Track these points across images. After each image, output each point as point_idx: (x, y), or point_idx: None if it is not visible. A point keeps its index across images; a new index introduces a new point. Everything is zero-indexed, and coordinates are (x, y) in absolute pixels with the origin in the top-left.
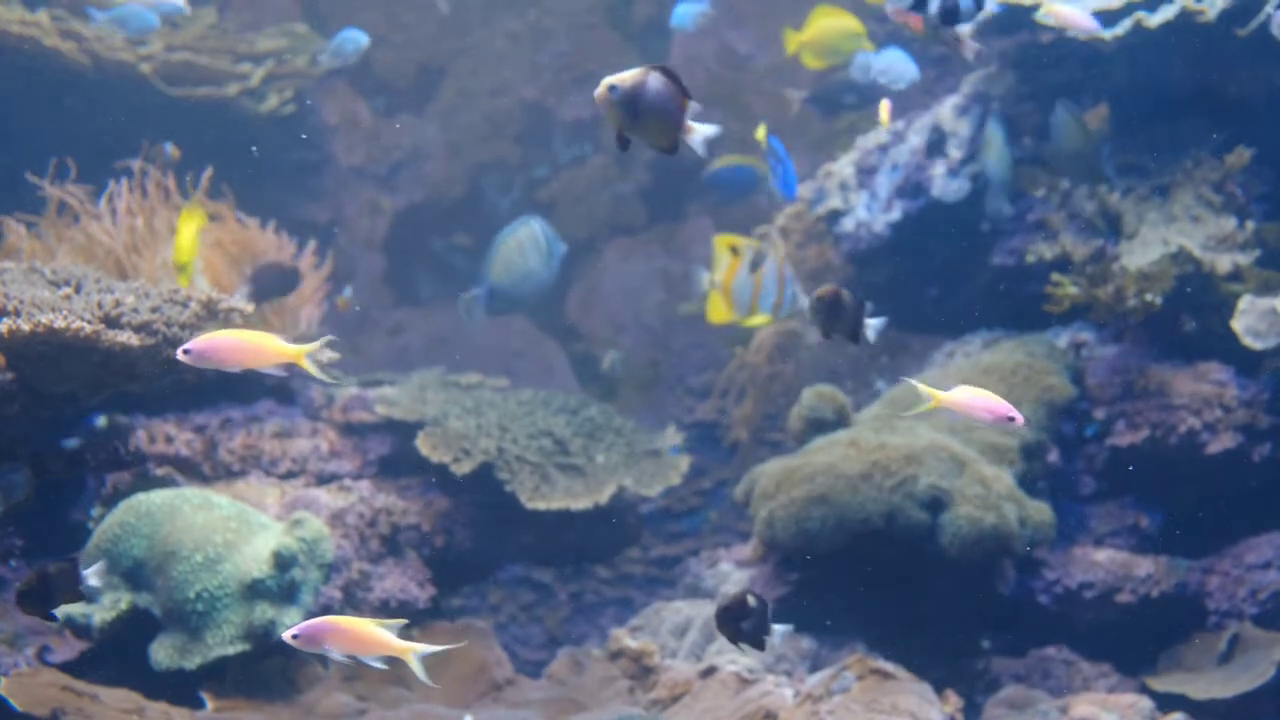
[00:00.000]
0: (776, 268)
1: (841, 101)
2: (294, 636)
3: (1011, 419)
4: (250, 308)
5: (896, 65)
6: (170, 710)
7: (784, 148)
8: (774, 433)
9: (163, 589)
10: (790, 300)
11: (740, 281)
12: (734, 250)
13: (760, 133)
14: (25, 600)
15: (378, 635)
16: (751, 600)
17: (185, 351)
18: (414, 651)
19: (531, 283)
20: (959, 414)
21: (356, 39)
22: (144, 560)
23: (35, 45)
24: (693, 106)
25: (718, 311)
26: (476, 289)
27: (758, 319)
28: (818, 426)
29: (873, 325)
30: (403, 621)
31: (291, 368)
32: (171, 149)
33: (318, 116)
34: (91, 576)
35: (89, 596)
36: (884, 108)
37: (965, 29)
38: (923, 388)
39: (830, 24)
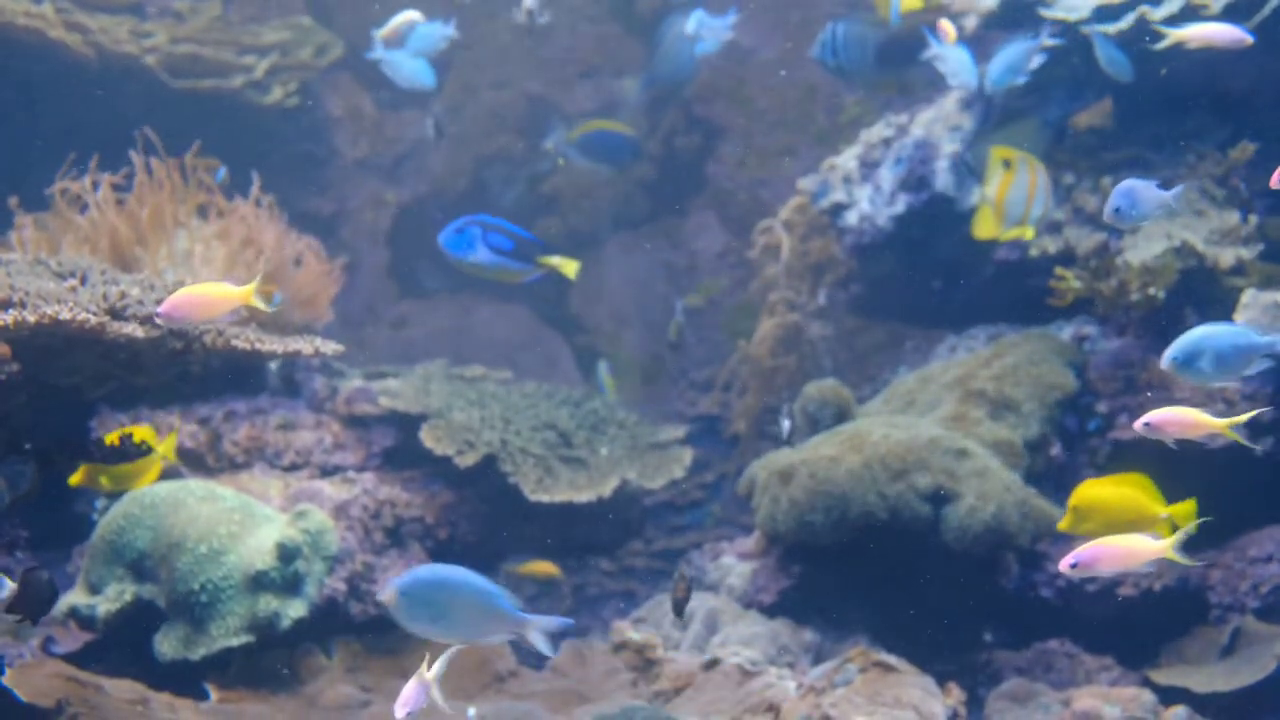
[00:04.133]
0: (1045, 180)
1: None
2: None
3: None
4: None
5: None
6: (174, 701)
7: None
8: (776, 426)
9: (167, 580)
10: (1050, 212)
11: (1014, 194)
12: (1006, 164)
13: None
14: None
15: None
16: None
17: (158, 315)
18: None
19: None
20: None
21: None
22: (148, 552)
23: (40, 37)
24: None
25: (986, 226)
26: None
27: (1020, 230)
28: (820, 420)
29: None
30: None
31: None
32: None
33: (322, 109)
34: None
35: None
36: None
37: None
38: None
39: None
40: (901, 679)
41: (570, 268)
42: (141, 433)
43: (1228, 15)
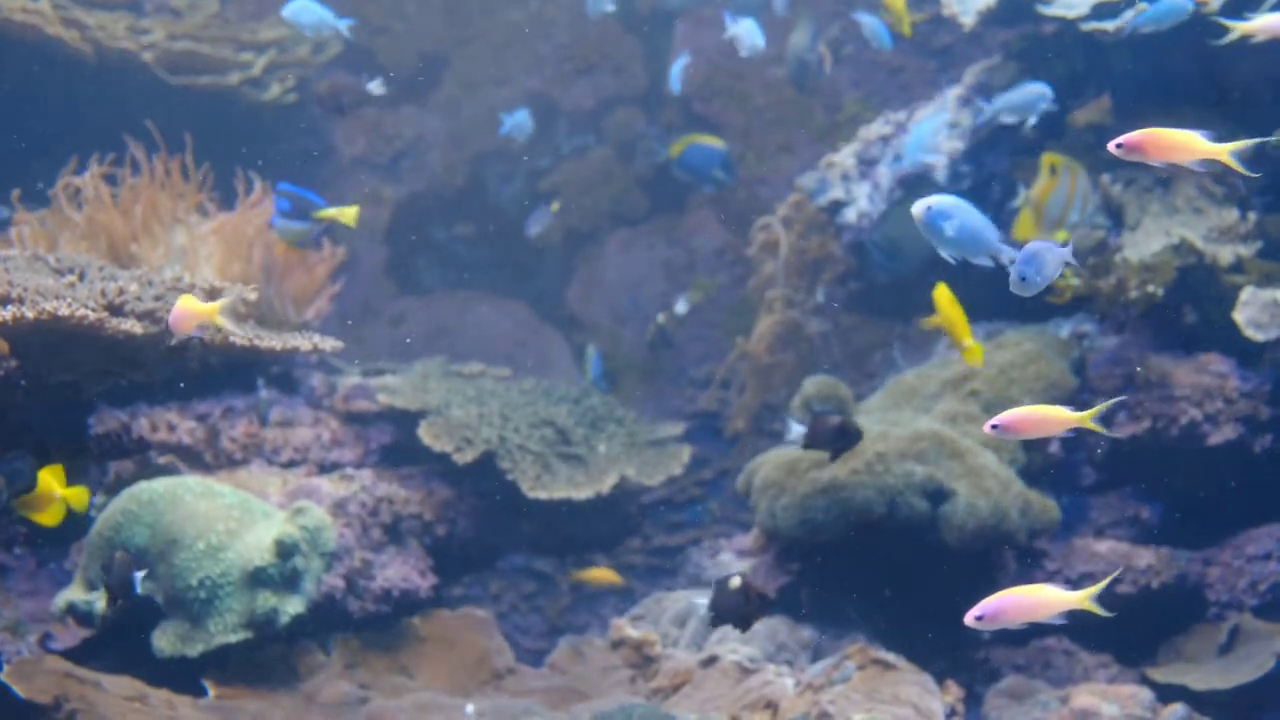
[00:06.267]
0: (1085, 185)
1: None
2: None
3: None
4: (254, 295)
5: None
6: (173, 698)
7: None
8: (775, 423)
9: (165, 577)
10: (1089, 217)
11: (1054, 198)
12: (1053, 169)
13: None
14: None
15: None
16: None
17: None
18: None
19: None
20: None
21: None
22: (146, 548)
23: (37, 34)
24: None
25: (1025, 228)
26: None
27: (1060, 234)
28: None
29: None
30: None
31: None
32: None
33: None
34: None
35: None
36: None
37: None
38: None
39: None
40: (900, 676)
41: (348, 215)
42: (49, 477)
43: (1227, 11)
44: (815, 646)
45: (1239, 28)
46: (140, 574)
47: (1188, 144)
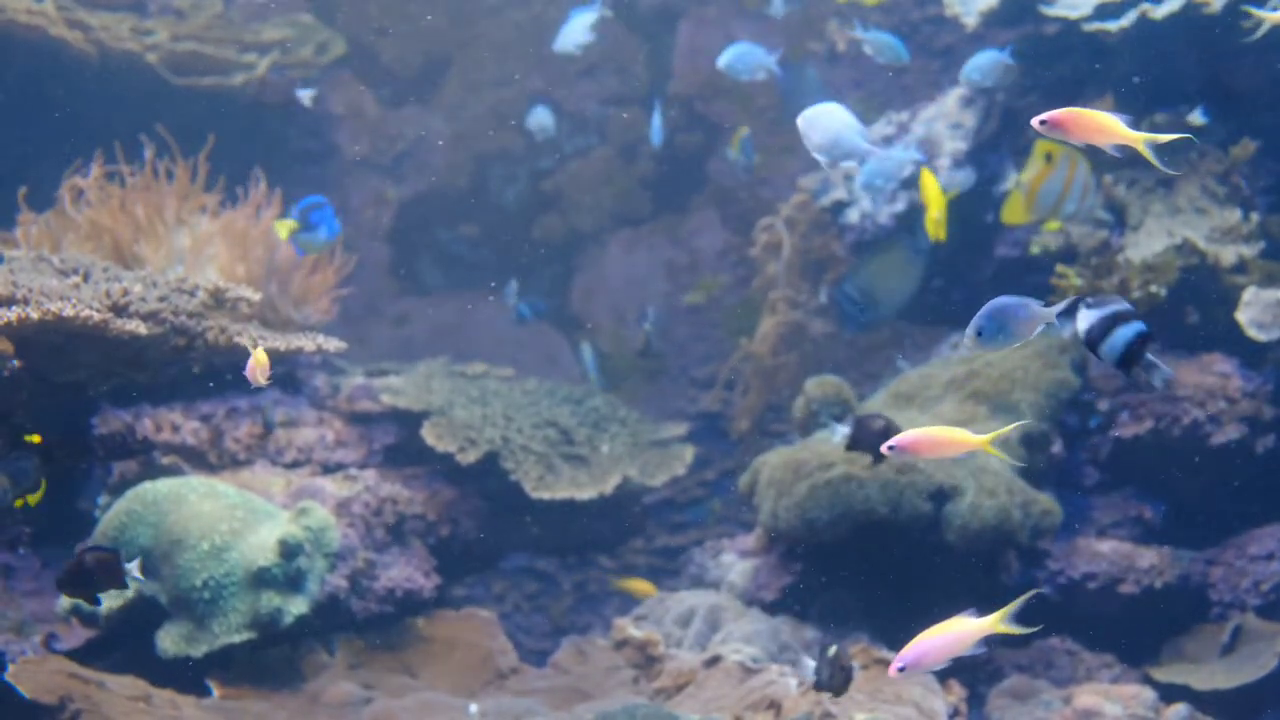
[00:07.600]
0: (1085, 177)
1: None
2: None
3: None
4: (257, 296)
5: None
6: (177, 698)
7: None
8: (778, 424)
9: (169, 577)
10: (1089, 210)
11: (1049, 186)
12: (1048, 157)
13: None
14: (66, 585)
15: None
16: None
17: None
18: None
19: None
20: None
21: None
22: (150, 548)
23: (41, 35)
24: None
25: (1015, 212)
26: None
27: (1052, 223)
28: (822, 417)
29: None
30: None
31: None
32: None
33: (323, 106)
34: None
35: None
36: None
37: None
38: None
39: None
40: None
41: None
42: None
43: (1229, 12)
44: (819, 646)
45: (1269, 18)
46: (131, 564)
47: (1108, 127)
